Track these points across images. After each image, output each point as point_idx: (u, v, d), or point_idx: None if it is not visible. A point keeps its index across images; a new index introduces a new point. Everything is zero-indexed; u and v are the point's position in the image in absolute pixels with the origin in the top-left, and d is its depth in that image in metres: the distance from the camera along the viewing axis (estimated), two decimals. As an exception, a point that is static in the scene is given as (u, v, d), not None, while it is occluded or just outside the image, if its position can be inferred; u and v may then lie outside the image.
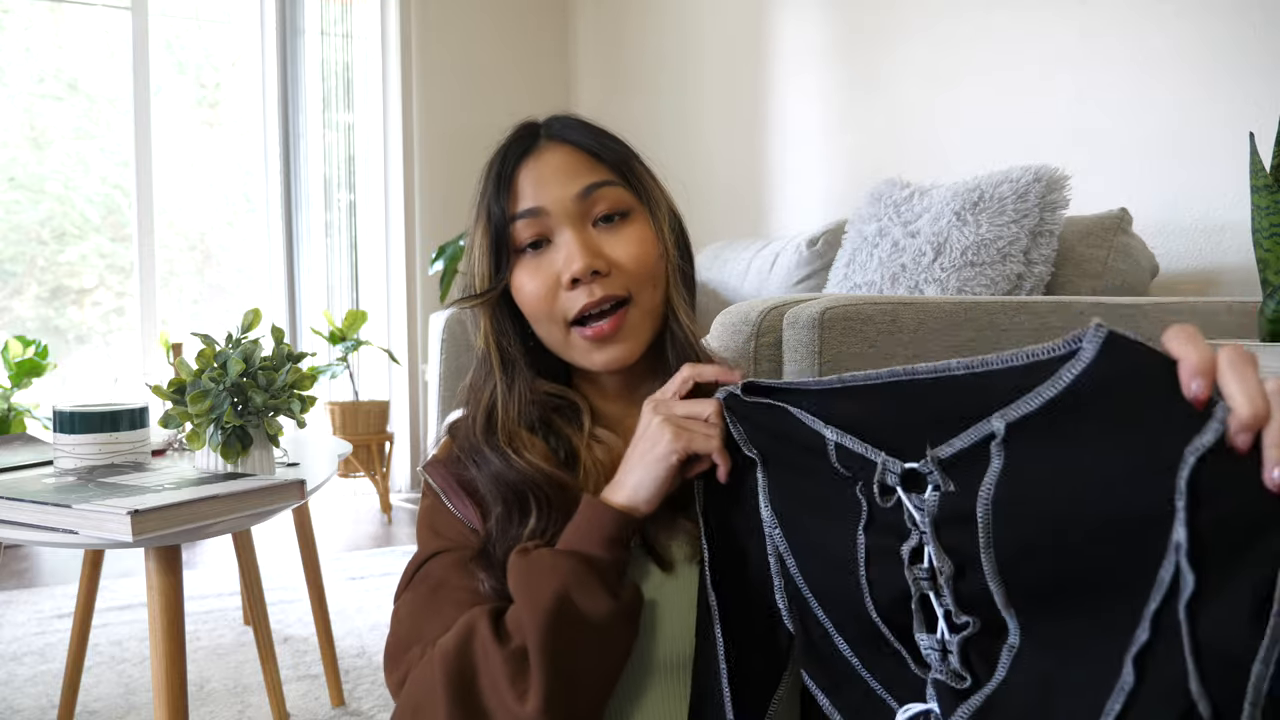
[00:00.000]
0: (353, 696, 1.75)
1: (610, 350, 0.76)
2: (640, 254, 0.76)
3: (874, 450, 0.59)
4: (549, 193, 0.75)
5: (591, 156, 0.78)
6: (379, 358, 3.72)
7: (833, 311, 1.11)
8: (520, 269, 0.77)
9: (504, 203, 0.76)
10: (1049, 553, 0.51)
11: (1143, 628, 0.48)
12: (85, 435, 1.19)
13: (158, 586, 1.01)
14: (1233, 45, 1.68)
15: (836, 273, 1.97)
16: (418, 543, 0.80)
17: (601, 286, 0.74)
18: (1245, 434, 0.45)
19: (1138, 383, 0.48)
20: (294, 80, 3.76)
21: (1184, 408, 0.46)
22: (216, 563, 2.73)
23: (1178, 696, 0.46)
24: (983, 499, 0.53)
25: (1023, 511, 0.52)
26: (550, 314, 0.76)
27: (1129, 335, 0.49)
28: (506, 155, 0.78)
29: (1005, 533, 0.53)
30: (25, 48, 3.53)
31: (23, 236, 3.53)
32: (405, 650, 0.71)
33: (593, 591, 0.64)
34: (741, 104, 3.06)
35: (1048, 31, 2.03)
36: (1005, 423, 0.53)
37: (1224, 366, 0.46)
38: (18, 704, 1.74)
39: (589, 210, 0.76)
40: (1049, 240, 1.65)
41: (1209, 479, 0.45)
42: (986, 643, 0.55)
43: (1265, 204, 1.08)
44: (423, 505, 0.81)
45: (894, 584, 0.58)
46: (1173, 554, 0.47)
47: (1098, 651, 0.50)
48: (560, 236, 0.75)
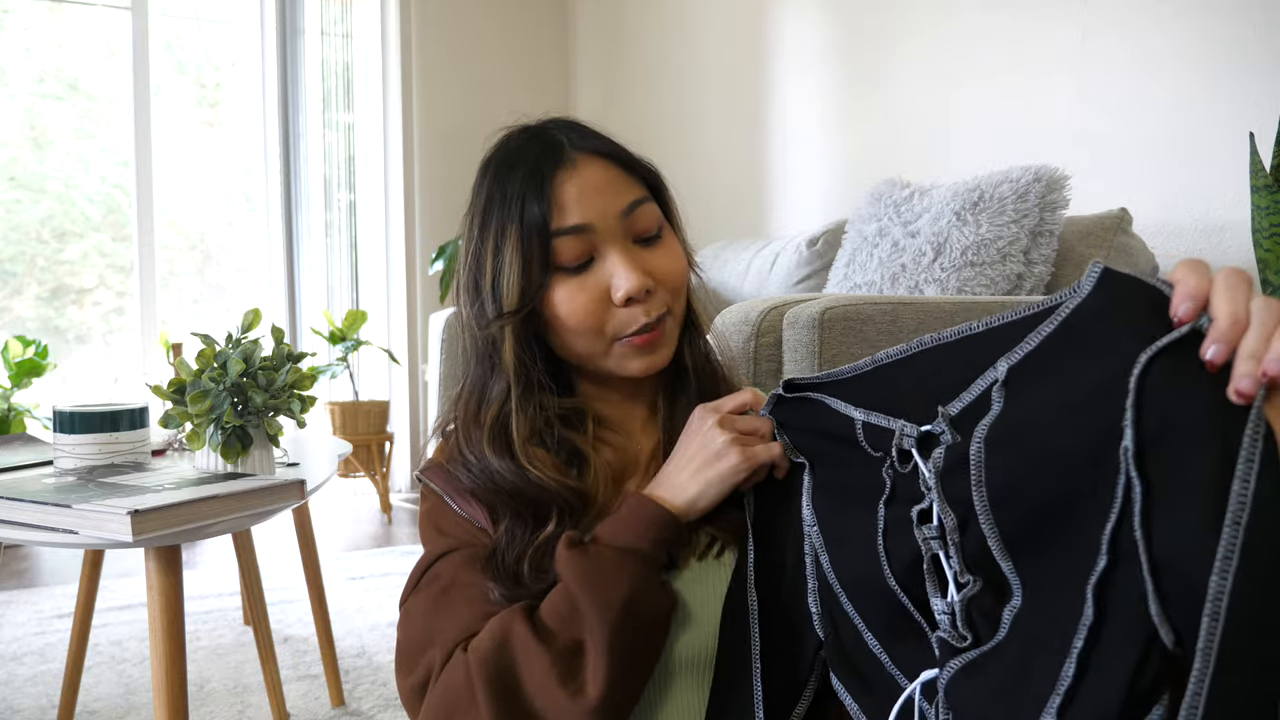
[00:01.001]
0: (353, 696, 1.75)
1: (652, 357, 0.77)
2: (679, 270, 0.78)
3: (894, 420, 0.60)
4: (594, 209, 0.74)
5: (626, 171, 0.77)
6: (379, 358, 3.72)
7: (833, 311, 1.11)
8: (561, 285, 0.74)
9: (546, 215, 0.73)
10: (1031, 486, 0.51)
11: (1101, 552, 0.47)
12: (85, 435, 1.19)
13: (158, 586, 1.01)
14: (1233, 45, 1.68)
15: (836, 273, 1.97)
16: (423, 544, 0.79)
17: (653, 305, 0.76)
18: (1220, 344, 0.44)
19: (1129, 311, 0.49)
20: (294, 80, 3.76)
21: (1166, 328, 0.46)
22: (216, 563, 2.73)
23: (1139, 626, 0.45)
24: (976, 438, 0.54)
25: (1009, 447, 0.53)
26: (598, 330, 0.75)
27: (1126, 271, 0.50)
28: (540, 165, 0.74)
29: (994, 470, 0.53)
30: (25, 48, 3.53)
31: (23, 236, 3.53)
32: (421, 652, 0.70)
33: (656, 592, 0.67)
34: (742, 104, 3.06)
35: (1048, 32, 2.03)
36: (1008, 365, 0.54)
37: (1217, 284, 0.46)
38: (18, 704, 1.74)
39: (630, 228, 0.76)
40: (1049, 240, 1.65)
41: (1163, 382, 0.45)
42: (990, 603, 0.55)
43: (1265, 204, 1.08)
44: (423, 508, 0.81)
45: (908, 549, 0.59)
46: (1123, 462, 0.46)
47: (1069, 587, 0.49)
48: (607, 254, 0.74)
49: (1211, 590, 0.42)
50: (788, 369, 1.15)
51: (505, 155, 0.77)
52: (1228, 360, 0.44)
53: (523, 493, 0.74)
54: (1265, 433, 0.43)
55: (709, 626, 0.72)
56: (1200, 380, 0.45)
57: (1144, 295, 0.49)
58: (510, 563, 0.71)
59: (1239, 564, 0.41)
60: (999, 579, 0.54)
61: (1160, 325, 0.47)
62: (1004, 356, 0.54)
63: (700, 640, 0.72)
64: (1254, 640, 0.41)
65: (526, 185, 0.74)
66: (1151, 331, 0.47)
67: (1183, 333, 0.46)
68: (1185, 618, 0.44)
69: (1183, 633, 0.44)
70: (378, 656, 1.95)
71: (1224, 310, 0.45)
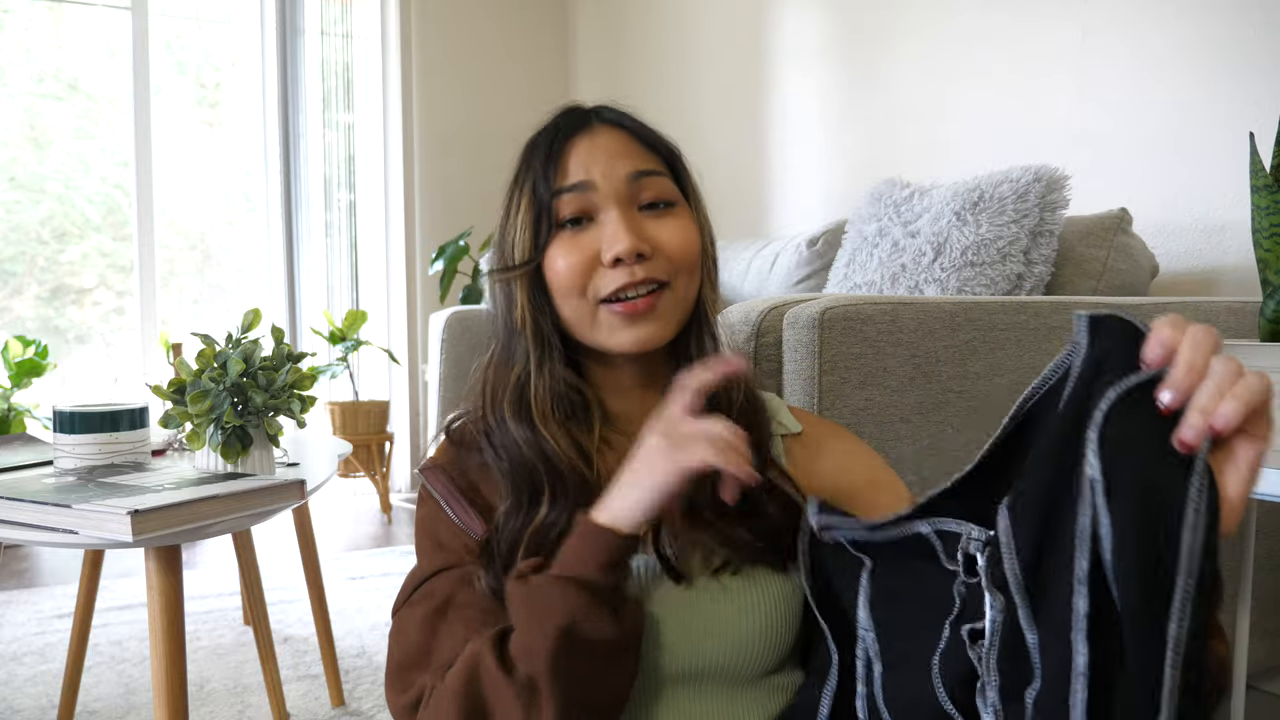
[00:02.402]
0: (353, 696, 1.75)
1: (639, 329, 0.74)
2: (683, 242, 0.76)
3: (963, 524, 0.59)
4: (598, 169, 0.74)
5: (643, 144, 0.77)
6: (379, 358, 3.72)
7: (833, 311, 1.11)
8: (557, 243, 0.75)
9: (551, 176, 0.75)
10: (1044, 539, 0.52)
11: (1079, 593, 0.47)
12: (85, 435, 1.19)
13: (158, 586, 1.01)
14: (1233, 45, 1.68)
15: (836, 273, 1.97)
16: (418, 553, 0.78)
17: (643, 268, 0.73)
18: (1173, 391, 0.47)
19: (1116, 357, 0.50)
20: (294, 80, 3.76)
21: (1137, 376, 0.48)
22: (216, 563, 2.73)
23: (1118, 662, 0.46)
24: (1002, 513, 0.54)
25: (1031, 509, 0.53)
26: (583, 290, 0.74)
27: (1105, 314, 0.51)
28: (557, 132, 0.77)
29: (1021, 535, 0.53)
30: (25, 48, 3.53)
31: (23, 236, 3.53)
32: (414, 669, 0.70)
33: (598, 620, 0.63)
34: (742, 103, 3.06)
35: (1048, 31, 2.03)
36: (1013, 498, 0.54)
37: (1185, 336, 0.48)
38: (18, 704, 1.74)
39: (636, 194, 0.75)
40: (1049, 240, 1.65)
41: (1119, 420, 0.47)
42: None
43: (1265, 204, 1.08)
44: (421, 512, 0.80)
45: (963, 665, 0.57)
46: (1088, 493, 0.47)
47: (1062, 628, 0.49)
48: (605, 215, 0.74)
49: (1170, 637, 0.44)
50: (788, 369, 1.15)
51: (538, 131, 0.79)
52: (1181, 407, 0.47)
53: (524, 458, 0.73)
54: (1209, 481, 0.45)
55: (721, 639, 0.72)
56: (1153, 424, 0.47)
57: (1130, 335, 0.50)
58: (503, 549, 0.71)
59: (1191, 610, 0.44)
60: (1028, 673, 0.54)
61: (1133, 373, 0.49)
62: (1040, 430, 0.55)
63: (696, 657, 0.72)
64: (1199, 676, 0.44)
65: (544, 149, 0.76)
66: (1130, 371, 0.49)
67: (1146, 376, 0.48)
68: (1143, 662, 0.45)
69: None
70: (378, 656, 1.95)
71: (1184, 359, 0.47)
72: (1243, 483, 0.47)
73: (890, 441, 1.17)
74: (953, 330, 1.20)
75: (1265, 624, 1.44)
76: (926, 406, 1.19)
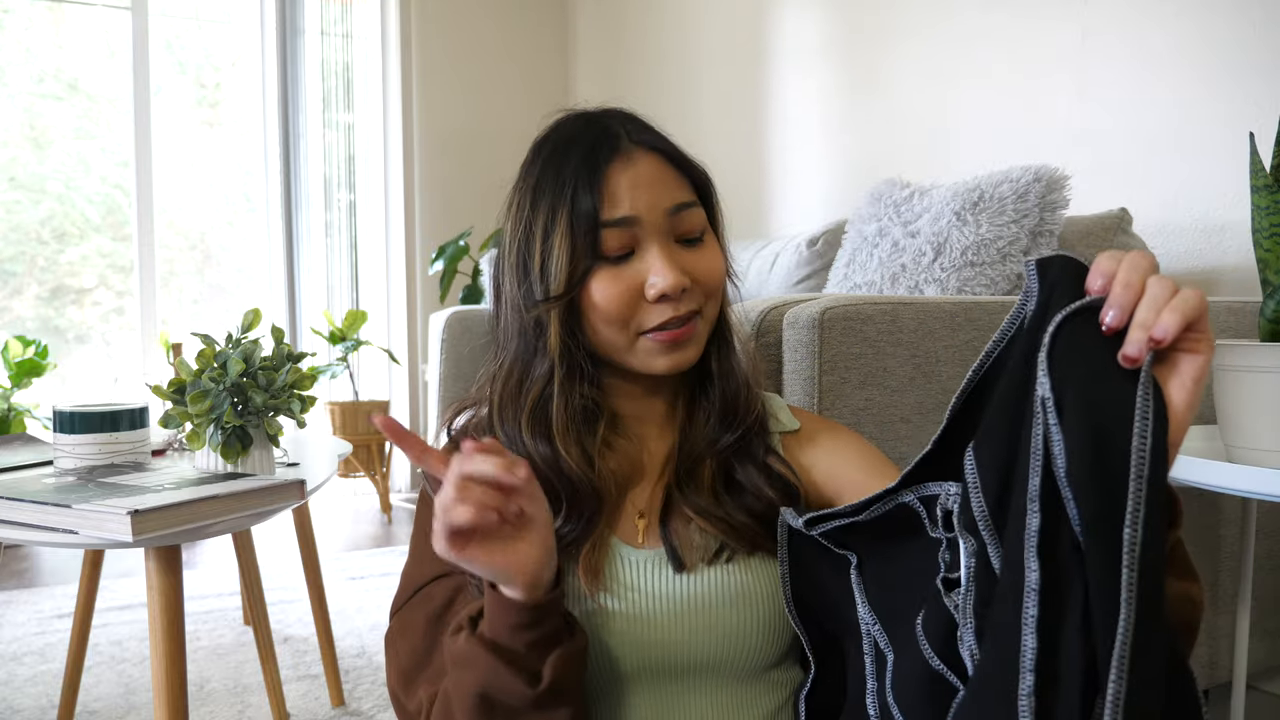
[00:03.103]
0: (353, 696, 1.75)
1: (676, 355, 0.76)
2: (714, 271, 0.77)
3: (942, 484, 0.60)
4: (643, 202, 0.74)
5: (680, 171, 0.77)
6: (379, 358, 3.72)
7: (833, 311, 1.11)
8: (601, 274, 0.74)
9: (596, 204, 0.73)
10: (999, 466, 0.54)
11: (1031, 511, 0.48)
12: (85, 435, 1.19)
13: (158, 586, 1.01)
14: (1233, 45, 1.68)
15: (836, 273, 1.97)
16: (414, 551, 0.78)
17: (685, 302, 0.75)
18: (1115, 310, 0.50)
19: (1065, 290, 0.53)
20: (294, 80, 3.75)
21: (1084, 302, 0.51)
22: (216, 563, 2.73)
23: (1078, 576, 0.47)
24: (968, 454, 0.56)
25: (988, 443, 0.55)
26: (625, 322, 0.75)
27: (1051, 255, 0.54)
28: (595, 153, 0.74)
29: (983, 470, 0.55)
30: (25, 48, 3.53)
31: (23, 236, 3.53)
32: (414, 675, 0.72)
33: (510, 684, 0.63)
34: (741, 104, 3.06)
35: (1048, 31, 2.03)
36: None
37: (1123, 261, 0.52)
38: (18, 704, 1.74)
39: (675, 227, 0.76)
40: (1049, 240, 1.65)
41: (1067, 343, 0.50)
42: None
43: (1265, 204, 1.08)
44: (422, 511, 0.80)
45: (942, 621, 0.58)
46: (1041, 413, 0.49)
47: (1019, 558, 0.50)
48: (647, 248, 0.74)
49: (1125, 541, 0.45)
50: (788, 369, 1.15)
51: (560, 139, 0.77)
52: (1124, 325, 0.50)
53: (548, 479, 0.74)
54: (1155, 391, 0.48)
55: (719, 631, 0.73)
56: (1099, 343, 0.50)
57: (1075, 271, 0.53)
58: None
59: (1145, 515, 0.45)
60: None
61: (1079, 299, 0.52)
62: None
63: (708, 645, 0.73)
64: (1157, 589, 0.45)
65: (580, 172, 0.74)
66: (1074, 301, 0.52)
67: (1090, 300, 0.51)
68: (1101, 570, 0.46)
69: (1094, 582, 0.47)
70: (378, 656, 1.95)
71: (1121, 279, 0.51)
72: (1187, 392, 0.50)
73: (890, 441, 1.17)
74: (953, 330, 1.20)
75: (1265, 624, 1.44)
76: (926, 406, 1.19)
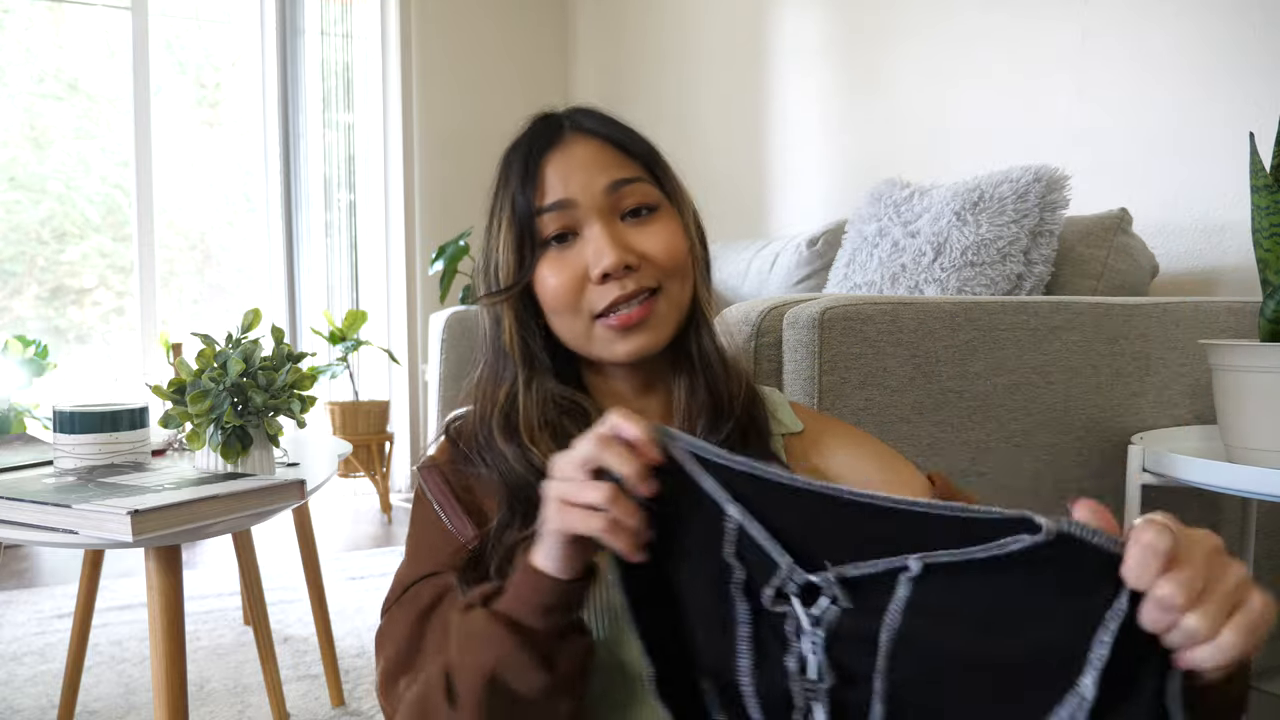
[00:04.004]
0: (353, 696, 1.75)
1: (635, 339, 0.74)
2: (670, 247, 0.75)
3: (782, 552, 0.55)
4: (577, 184, 0.74)
5: (619, 150, 0.76)
6: (379, 358, 3.72)
7: (833, 311, 1.11)
8: (545, 263, 0.74)
9: (530, 195, 0.74)
10: (941, 684, 0.51)
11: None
12: (85, 435, 1.19)
13: (158, 586, 1.01)
14: (1233, 45, 1.68)
15: (836, 273, 1.97)
16: (408, 551, 0.78)
17: (633, 280, 0.73)
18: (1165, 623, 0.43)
19: (1074, 565, 0.47)
20: (294, 80, 3.75)
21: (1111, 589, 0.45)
22: (216, 563, 2.73)
23: None
24: (888, 625, 0.52)
25: (925, 643, 0.52)
26: (575, 307, 0.74)
27: (1079, 533, 0.46)
28: (531, 147, 0.75)
29: (904, 660, 0.52)
30: (25, 48, 3.53)
31: (23, 236, 3.53)
32: (398, 675, 0.70)
33: (525, 668, 0.59)
34: (741, 104, 3.06)
35: (1048, 31, 2.03)
36: (922, 564, 0.51)
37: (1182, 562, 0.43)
38: (18, 704, 1.74)
39: (617, 204, 0.75)
40: (1049, 240, 1.65)
41: (1120, 645, 0.45)
42: None
43: (1265, 204, 1.08)
44: (416, 510, 0.79)
45: (776, 691, 0.56)
46: (1071, 703, 0.46)
47: None
48: (589, 230, 0.74)
49: None
50: (788, 369, 1.15)
51: (514, 141, 0.78)
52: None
53: (516, 476, 0.73)
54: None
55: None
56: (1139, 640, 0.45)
57: (1097, 557, 0.46)
58: (498, 563, 0.70)
59: None
60: None
61: (1106, 585, 0.46)
62: (918, 555, 0.51)
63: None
64: None
65: (520, 168, 0.75)
66: (1099, 587, 0.46)
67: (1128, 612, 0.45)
68: None
69: None
70: (378, 656, 1.95)
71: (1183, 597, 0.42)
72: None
73: (890, 441, 1.17)
74: (953, 330, 1.20)
75: (1265, 624, 1.44)
76: (926, 406, 1.19)
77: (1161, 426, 1.34)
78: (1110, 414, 1.30)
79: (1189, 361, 1.37)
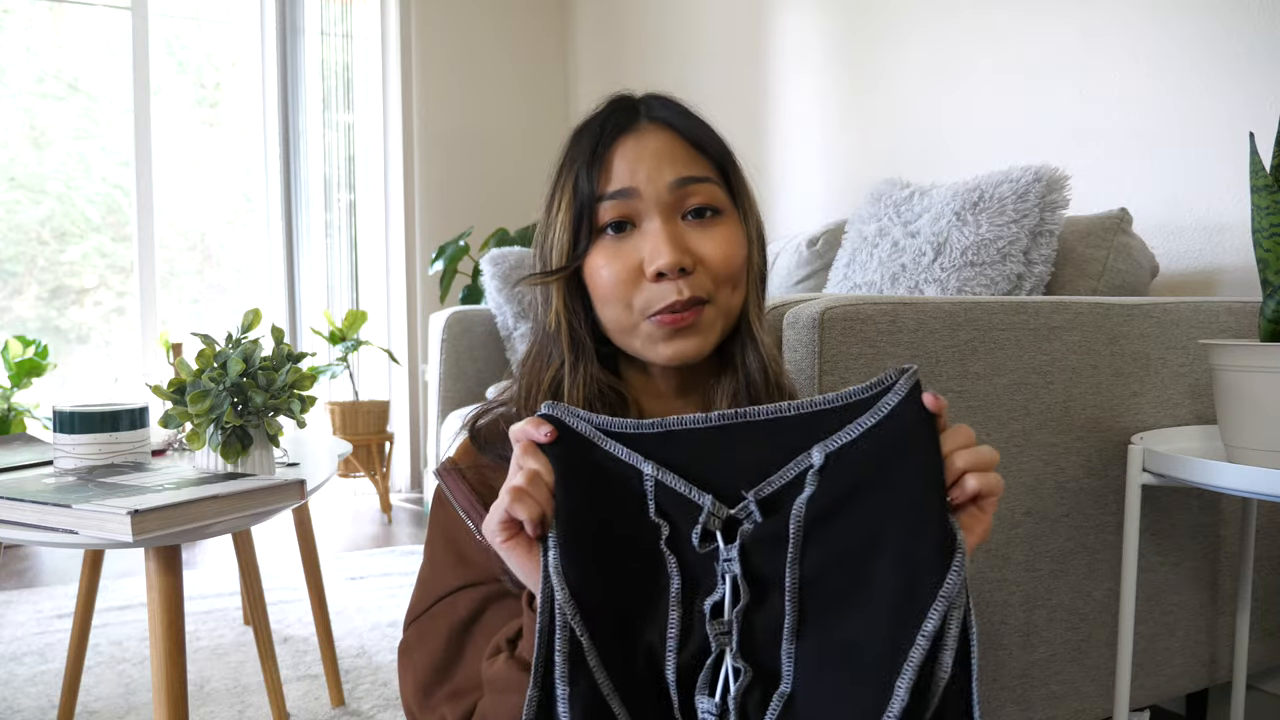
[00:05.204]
0: (353, 696, 1.75)
1: (679, 343, 0.72)
2: (728, 254, 0.73)
3: (701, 494, 0.57)
4: (643, 174, 0.72)
5: (692, 146, 0.74)
6: (379, 358, 3.72)
7: (833, 311, 1.11)
8: (599, 249, 0.72)
9: (594, 178, 0.72)
10: (843, 567, 0.54)
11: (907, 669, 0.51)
12: (85, 435, 1.19)
13: (158, 586, 1.01)
14: (1233, 45, 1.68)
15: (836, 273, 1.97)
16: (433, 560, 0.76)
17: (688, 285, 0.70)
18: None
19: (921, 426, 0.55)
20: (294, 80, 3.76)
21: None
22: (216, 563, 2.73)
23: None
24: (794, 518, 0.55)
25: (827, 529, 0.55)
26: (626, 301, 0.72)
27: (914, 368, 0.57)
28: (603, 129, 0.74)
29: (811, 548, 0.55)
30: (25, 48, 3.53)
31: (23, 236, 3.53)
32: (435, 687, 0.70)
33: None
34: (741, 104, 3.06)
35: (1048, 31, 2.03)
36: (824, 454, 0.56)
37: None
38: (18, 704, 1.74)
39: (681, 202, 0.72)
40: (1049, 240, 1.65)
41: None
42: (760, 694, 0.55)
43: (1265, 204, 1.08)
44: (438, 514, 0.77)
45: (696, 642, 0.56)
46: (942, 603, 0.52)
47: (871, 659, 0.52)
48: (648, 224, 0.72)
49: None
50: (788, 369, 1.15)
51: (584, 122, 0.77)
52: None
53: None
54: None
55: None
56: None
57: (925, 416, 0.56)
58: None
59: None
60: (772, 666, 0.55)
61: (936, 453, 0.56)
62: (819, 445, 0.56)
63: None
64: None
65: (588, 150, 0.73)
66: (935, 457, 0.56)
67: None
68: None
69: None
70: (378, 656, 1.95)
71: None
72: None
73: (890, 441, 1.17)
74: (953, 330, 1.20)
75: (1265, 624, 1.44)
76: (926, 406, 1.18)
77: (1161, 426, 1.34)
78: (1110, 414, 1.30)
79: (1189, 361, 1.37)
